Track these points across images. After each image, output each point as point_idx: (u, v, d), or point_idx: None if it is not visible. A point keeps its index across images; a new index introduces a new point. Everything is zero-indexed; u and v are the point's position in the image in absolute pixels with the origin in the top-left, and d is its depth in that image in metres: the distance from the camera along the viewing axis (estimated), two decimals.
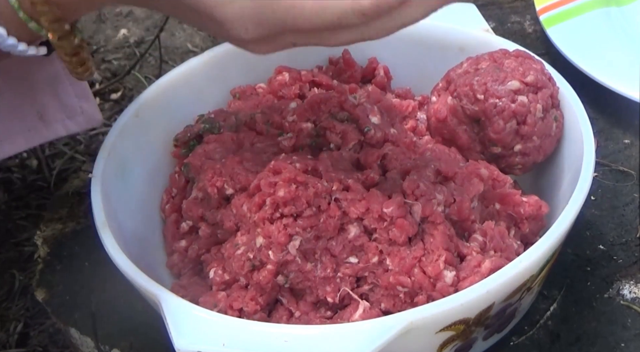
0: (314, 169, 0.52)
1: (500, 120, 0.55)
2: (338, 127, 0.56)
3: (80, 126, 0.62)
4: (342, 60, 0.67)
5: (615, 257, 0.60)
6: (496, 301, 0.47)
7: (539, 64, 0.58)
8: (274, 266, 0.49)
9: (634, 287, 0.58)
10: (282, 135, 0.57)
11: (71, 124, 0.61)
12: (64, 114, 0.61)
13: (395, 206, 0.49)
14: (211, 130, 0.60)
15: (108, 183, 0.56)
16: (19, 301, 0.77)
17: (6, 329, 0.75)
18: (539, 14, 0.80)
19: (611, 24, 0.78)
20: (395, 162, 0.54)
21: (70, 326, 0.60)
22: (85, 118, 0.62)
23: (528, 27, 0.85)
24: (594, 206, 0.64)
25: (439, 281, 0.48)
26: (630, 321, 0.56)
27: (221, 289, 0.52)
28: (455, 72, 0.59)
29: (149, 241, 0.59)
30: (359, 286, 0.51)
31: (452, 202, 0.51)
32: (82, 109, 0.62)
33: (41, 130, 0.59)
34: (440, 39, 0.66)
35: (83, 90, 0.62)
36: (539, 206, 0.54)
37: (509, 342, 0.55)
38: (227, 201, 0.54)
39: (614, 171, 0.67)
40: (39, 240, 0.67)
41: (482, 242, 0.51)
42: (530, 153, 0.56)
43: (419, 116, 0.65)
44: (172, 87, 0.64)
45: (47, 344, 0.74)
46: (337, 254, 0.50)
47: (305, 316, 0.51)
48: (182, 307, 0.46)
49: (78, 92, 0.61)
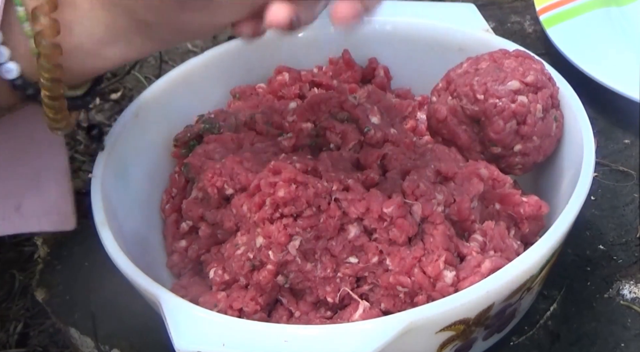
0: (314, 169, 0.52)
1: (500, 120, 0.55)
2: (338, 127, 0.56)
3: (53, 226, 0.60)
4: (342, 60, 0.67)
5: (615, 257, 0.60)
6: (496, 301, 0.47)
7: (539, 64, 0.58)
8: (274, 266, 0.49)
9: (634, 287, 0.58)
10: (282, 136, 0.57)
11: (45, 222, 0.59)
12: (41, 210, 0.59)
13: (395, 206, 0.49)
14: (211, 130, 0.60)
15: (108, 183, 0.56)
16: (19, 301, 0.77)
17: (6, 329, 0.75)
18: (539, 14, 0.80)
19: (611, 24, 0.78)
20: (395, 162, 0.54)
21: (70, 326, 0.60)
22: (60, 219, 0.60)
23: (528, 27, 0.85)
24: (594, 206, 0.64)
25: (439, 281, 0.48)
26: (630, 321, 0.56)
27: (221, 289, 0.52)
28: (455, 72, 0.59)
29: (149, 241, 0.59)
30: (359, 286, 0.51)
31: (452, 202, 0.51)
32: (58, 210, 0.60)
33: (15, 221, 0.57)
34: (440, 39, 0.66)
35: (64, 191, 0.60)
36: (539, 206, 0.54)
37: (509, 342, 0.55)
38: (227, 201, 0.54)
39: (614, 171, 0.67)
40: (39, 240, 0.67)
41: (482, 242, 0.51)
42: (530, 153, 0.56)
43: (419, 116, 0.65)
44: (172, 87, 0.64)
45: (47, 344, 0.74)
46: (337, 254, 0.50)
47: (305, 316, 0.51)
48: (182, 308, 0.46)
49: (59, 192, 0.60)
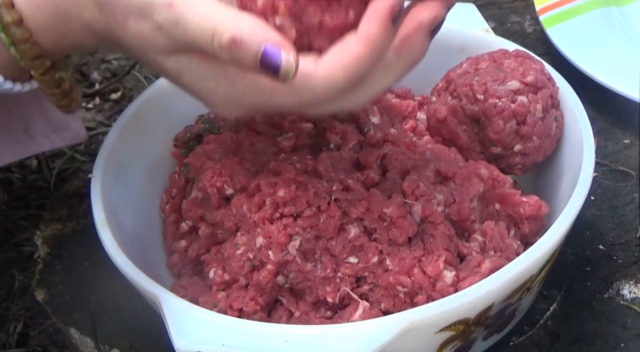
0: (313, 169, 0.52)
1: (500, 120, 0.55)
2: (338, 127, 0.56)
3: (65, 141, 0.63)
4: None
5: (615, 257, 0.60)
6: (496, 301, 0.47)
7: (538, 64, 0.58)
8: (274, 266, 0.49)
9: (634, 287, 0.58)
10: (282, 136, 0.57)
11: (57, 139, 0.62)
12: (50, 129, 0.61)
13: (395, 206, 0.49)
14: (211, 130, 0.60)
15: (108, 183, 0.56)
16: (19, 301, 0.77)
17: (6, 329, 0.75)
18: (539, 14, 0.80)
19: (611, 24, 0.78)
20: (395, 162, 0.54)
21: (70, 326, 0.60)
22: (71, 134, 0.63)
23: (528, 27, 0.85)
24: (594, 206, 0.64)
25: (439, 281, 0.48)
26: (630, 321, 0.56)
27: (221, 289, 0.52)
28: (455, 72, 0.59)
29: (149, 241, 0.59)
30: (359, 286, 0.51)
31: (452, 202, 0.51)
32: (67, 125, 0.62)
33: (27, 143, 0.60)
34: (440, 39, 0.65)
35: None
36: (538, 206, 0.54)
37: (509, 342, 0.55)
38: (227, 201, 0.54)
39: (614, 171, 0.67)
40: (39, 240, 0.67)
41: (482, 242, 0.51)
42: (530, 153, 0.56)
43: (419, 116, 0.65)
44: (172, 87, 0.64)
45: (47, 344, 0.74)
46: (337, 254, 0.50)
47: (305, 316, 0.51)
48: (182, 307, 0.46)
49: None
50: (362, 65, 0.41)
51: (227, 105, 0.45)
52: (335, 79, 0.41)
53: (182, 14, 0.40)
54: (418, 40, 0.42)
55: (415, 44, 0.42)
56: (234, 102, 0.44)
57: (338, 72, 0.41)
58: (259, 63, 0.40)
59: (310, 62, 0.41)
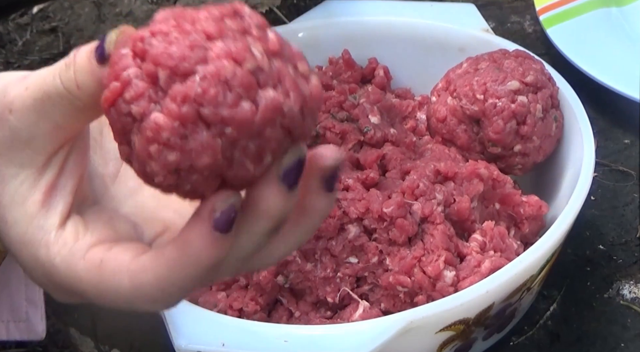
0: None
1: (500, 120, 0.55)
2: (338, 127, 0.56)
3: (20, 334, 0.54)
4: (342, 60, 0.67)
5: (615, 257, 0.60)
6: (496, 301, 0.47)
7: (538, 64, 0.58)
8: (273, 266, 0.49)
9: (634, 287, 0.58)
10: None
11: (14, 329, 0.53)
12: (11, 316, 0.53)
13: (395, 206, 0.49)
14: None
15: None
16: None
17: None
18: (539, 14, 0.79)
19: (611, 24, 0.78)
20: (395, 162, 0.54)
21: (70, 326, 0.60)
22: (27, 327, 0.54)
23: (528, 27, 0.85)
24: (594, 206, 0.64)
25: (439, 281, 0.48)
26: (630, 321, 0.56)
27: (221, 289, 0.52)
28: (455, 72, 0.59)
29: None
30: (359, 286, 0.51)
31: (452, 202, 0.51)
32: (27, 316, 0.54)
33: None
34: (440, 39, 0.66)
35: (34, 295, 0.55)
36: (539, 206, 0.54)
37: (509, 342, 0.55)
38: None
39: (614, 171, 0.67)
40: None
41: (482, 242, 0.51)
42: (530, 153, 0.56)
43: (418, 116, 0.65)
44: None
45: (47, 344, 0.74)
46: (337, 254, 0.50)
47: (305, 316, 0.51)
48: (182, 307, 0.46)
49: (29, 295, 0.54)
50: (173, 273, 0.30)
51: (48, 287, 0.35)
52: (140, 280, 0.31)
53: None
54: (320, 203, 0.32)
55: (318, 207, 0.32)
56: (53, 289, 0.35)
57: (147, 273, 0.31)
58: None
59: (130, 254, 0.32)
